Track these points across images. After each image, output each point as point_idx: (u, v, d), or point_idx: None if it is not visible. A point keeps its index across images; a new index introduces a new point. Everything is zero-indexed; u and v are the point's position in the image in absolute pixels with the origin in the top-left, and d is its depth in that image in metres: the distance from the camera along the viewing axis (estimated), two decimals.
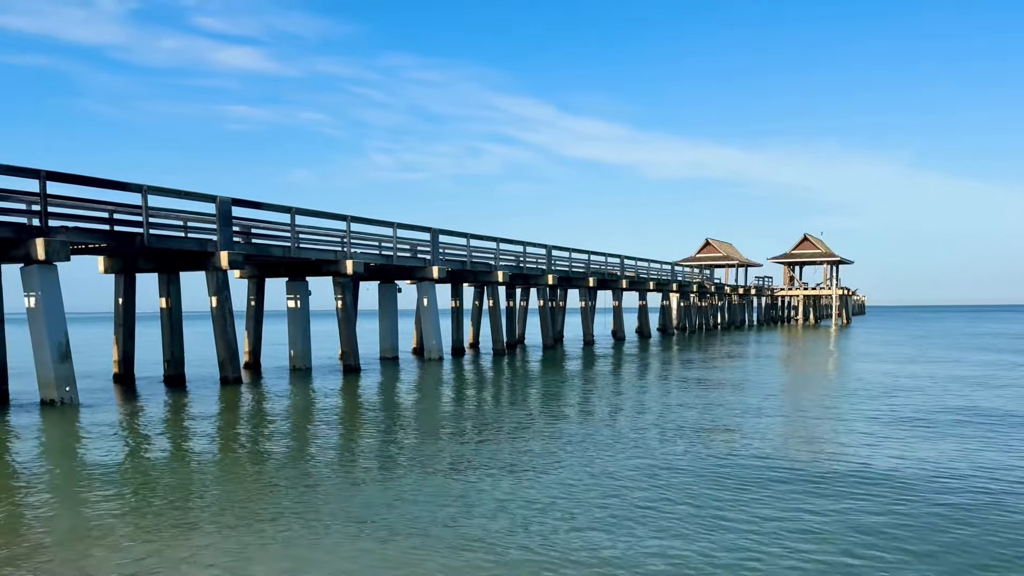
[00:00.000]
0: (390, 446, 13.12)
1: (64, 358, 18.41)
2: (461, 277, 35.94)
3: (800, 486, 9.75)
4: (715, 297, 70.72)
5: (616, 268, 49.77)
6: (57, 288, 18.60)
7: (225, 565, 7.13)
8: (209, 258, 22.67)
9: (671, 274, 59.33)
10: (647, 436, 13.70)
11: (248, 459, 12.34)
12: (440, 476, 10.65)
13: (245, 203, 23.71)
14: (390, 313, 32.24)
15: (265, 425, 15.98)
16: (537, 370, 28.28)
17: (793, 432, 14.25)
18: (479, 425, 15.33)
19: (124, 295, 24.76)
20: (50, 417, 16.78)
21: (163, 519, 8.68)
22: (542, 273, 40.03)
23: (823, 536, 7.78)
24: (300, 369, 26.80)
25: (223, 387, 22.27)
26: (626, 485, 9.97)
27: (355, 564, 7.16)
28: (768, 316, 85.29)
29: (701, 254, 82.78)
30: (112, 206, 20.54)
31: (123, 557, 7.41)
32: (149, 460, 12.34)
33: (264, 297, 29.13)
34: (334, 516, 8.70)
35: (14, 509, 9.32)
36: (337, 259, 26.72)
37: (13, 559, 7.39)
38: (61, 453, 13.13)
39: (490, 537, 7.85)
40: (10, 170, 17.67)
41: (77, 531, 8.32)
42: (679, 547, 7.47)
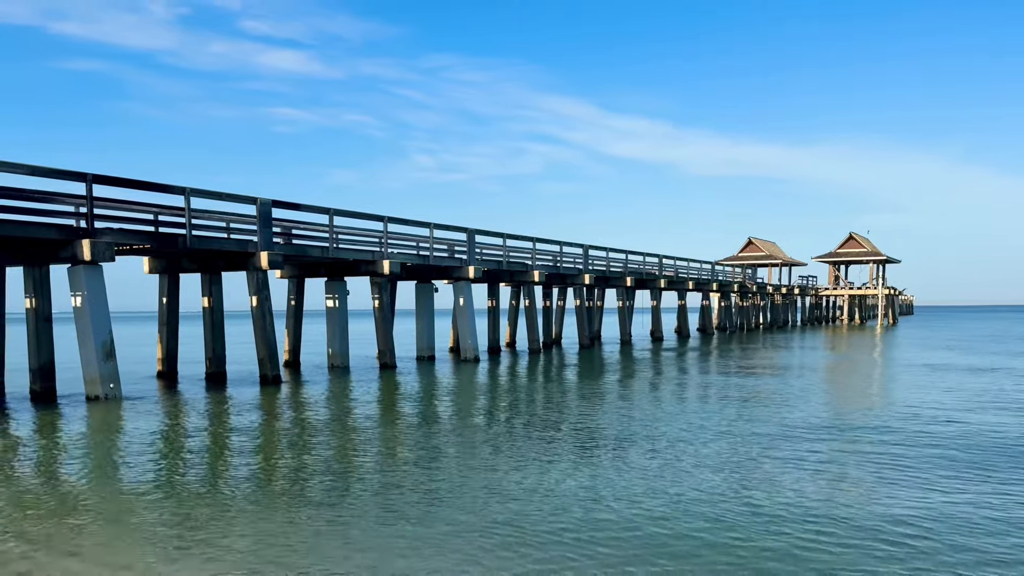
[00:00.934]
0: (426, 439, 13.36)
1: (108, 356, 19.03)
2: (497, 277, 36.17)
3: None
4: (757, 297, 69.98)
5: (654, 268, 49.57)
6: (102, 288, 19.22)
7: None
8: (249, 258, 23.20)
9: (711, 273, 58.87)
10: (676, 439, 13.74)
11: (285, 451, 12.68)
12: (472, 469, 10.85)
13: (284, 204, 24.21)
14: (426, 313, 32.58)
15: (303, 420, 16.35)
16: (567, 369, 28.35)
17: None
18: (507, 421, 15.51)
19: (168, 295, 25.48)
20: (94, 412, 17.37)
21: (199, 505, 9.02)
22: (578, 273, 40.07)
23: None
24: (338, 367, 27.26)
25: (262, 384, 22.78)
26: (657, 484, 10.07)
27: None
28: (812, 316, 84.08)
29: (744, 253, 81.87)
30: (157, 208, 21.12)
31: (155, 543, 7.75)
32: (188, 451, 12.75)
33: (304, 297, 29.68)
34: (366, 506, 8.96)
35: (52, 494, 9.75)
36: (374, 259, 27.12)
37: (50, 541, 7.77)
38: (102, 445, 13.62)
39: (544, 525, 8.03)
40: (58, 173, 18.33)
41: (116, 515, 8.70)
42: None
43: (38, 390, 19.70)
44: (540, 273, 36.32)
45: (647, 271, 48.56)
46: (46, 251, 19.09)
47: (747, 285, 65.91)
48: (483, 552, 7.44)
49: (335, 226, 25.76)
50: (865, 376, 25.51)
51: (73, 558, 7.43)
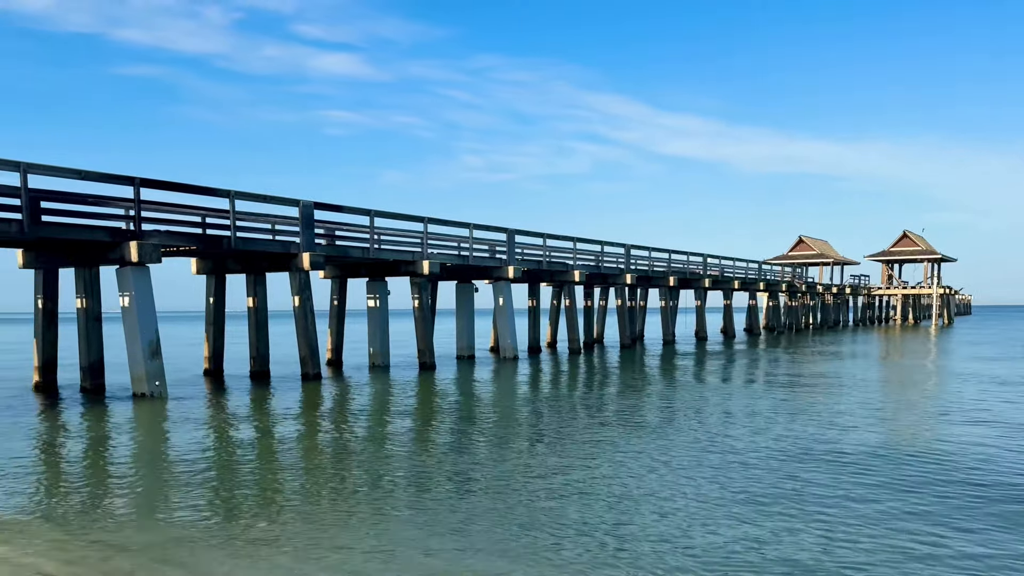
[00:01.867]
0: (461, 434, 13.61)
1: (155, 354, 19.69)
2: (538, 277, 36.32)
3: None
4: (806, 296, 68.86)
5: (698, 267, 49.18)
6: (149, 288, 19.88)
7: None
8: (292, 259, 23.74)
9: (758, 273, 58.14)
10: (718, 436, 13.75)
11: (324, 446, 13.05)
12: (504, 462, 11.07)
13: (326, 206, 24.71)
14: (466, 312, 32.88)
15: (343, 416, 16.76)
16: (604, 368, 28.39)
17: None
18: (542, 418, 15.68)
19: (214, 295, 26.20)
20: (140, 408, 18.02)
21: (248, 497, 9.39)
22: (620, 272, 39.99)
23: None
24: (379, 366, 27.70)
25: (304, 382, 23.31)
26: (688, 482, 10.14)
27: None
28: (865, 316, 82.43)
29: (794, 252, 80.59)
30: (204, 211, 21.75)
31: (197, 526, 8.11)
32: (231, 444, 13.19)
33: (346, 297, 30.22)
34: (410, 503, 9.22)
35: (102, 485, 10.23)
36: (414, 259, 27.50)
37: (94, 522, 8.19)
38: (147, 439, 14.17)
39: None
40: (107, 177, 19.03)
41: (160, 503, 9.11)
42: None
43: (88, 387, 20.47)
44: (581, 273, 36.36)
45: (691, 271, 48.21)
46: (96, 253, 19.83)
47: (796, 284, 64.91)
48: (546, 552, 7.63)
49: (376, 227, 26.20)
50: (920, 391, 25.00)
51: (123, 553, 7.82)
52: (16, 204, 17.15)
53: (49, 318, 21.55)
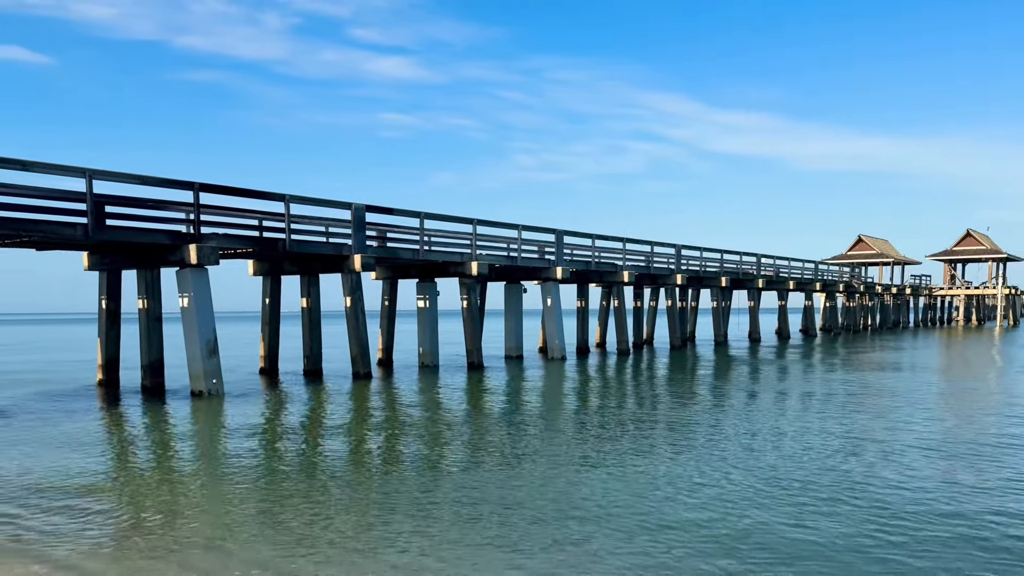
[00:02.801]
0: (504, 433, 13.88)
1: (212, 353, 20.39)
2: (586, 277, 36.38)
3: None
4: (865, 297, 67.43)
5: (752, 267, 48.61)
6: (207, 290, 20.59)
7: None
8: (344, 261, 24.30)
9: (814, 273, 57.16)
10: (762, 446, 13.74)
11: (372, 442, 13.44)
12: (549, 467, 11.29)
13: (377, 209, 25.21)
14: (515, 313, 33.14)
15: (391, 413, 17.18)
16: (650, 369, 28.34)
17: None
18: (583, 418, 15.85)
19: (270, 296, 26.94)
20: (198, 405, 18.71)
21: (298, 486, 9.80)
22: (670, 273, 39.81)
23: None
24: (428, 366, 28.14)
25: (355, 381, 23.87)
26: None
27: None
28: (926, 317, 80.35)
29: (853, 251, 78.92)
30: (260, 214, 22.43)
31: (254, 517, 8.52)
32: (282, 440, 13.69)
33: (397, 297, 30.75)
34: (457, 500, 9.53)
35: (164, 476, 10.76)
36: (463, 260, 27.87)
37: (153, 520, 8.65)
38: (203, 435, 14.77)
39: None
40: (168, 182, 19.77)
41: (221, 497, 9.57)
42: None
43: (148, 385, 21.30)
44: (630, 273, 36.31)
45: (744, 271, 47.69)
46: (157, 255, 20.61)
47: (854, 285, 63.62)
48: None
49: (425, 229, 26.63)
50: (987, 409, 24.36)
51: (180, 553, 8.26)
52: (82, 209, 17.94)
53: (112, 318, 22.45)
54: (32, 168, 17.04)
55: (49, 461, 12.30)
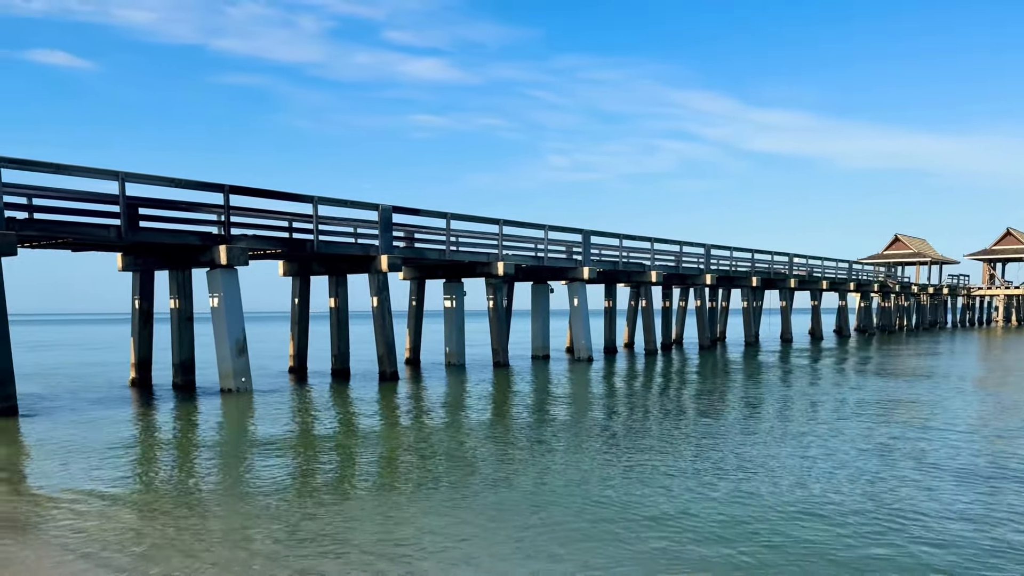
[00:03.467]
0: (522, 426, 14.02)
1: (241, 352, 20.77)
2: (614, 277, 36.34)
3: None
4: (901, 297, 66.44)
5: (784, 267, 48.15)
6: (237, 290, 20.98)
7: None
8: (371, 261, 24.58)
9: (848, 272, 56.47)
10: (786, 454, 13.71)
11: (399, 436, 13.65)
12: (570, 454, 11.41)
13: (404, 210, 25.45)
14: (542, 313, 33.23)
15: (415, 410, 17.40)
16: (672, 371, 28.26)
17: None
18: (604, 417, 15.93)
19: (299, 296, 27.34)
20: (227, 402, 19.10)
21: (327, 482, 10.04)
22: (699, 273, 39.61)
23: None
24: (454, 365, 28.36)
25: (381, 380, 24.15)
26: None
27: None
28: (964, 317, 78.92)
29: (889, 251, 77.78)
30: (290, 215, 22.78)
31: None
32: (305, 434, 13.96)
33: (424, 297, 31.02)
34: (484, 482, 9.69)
35: (190, 467, 11.06)
36: (489, 261, 28.03)
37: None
38: (230, 430, 15.10)
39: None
40: (199, 185, 20.19)
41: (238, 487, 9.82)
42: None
43: (179, 382, 21.75)
44: (658, 273, 36.21)
45: (775, 271, 47.25)
46: (188, 256, 21.05)
47: (888, 284, 62.71)
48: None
49: (452, 230, 26.83)
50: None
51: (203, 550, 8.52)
52: (115, 211, 18.40)
53: (145, 318, 22.96)
54: (67, 171, 17.54)
55: (81, 463, 12.67)
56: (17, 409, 17.21)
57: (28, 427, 15.93)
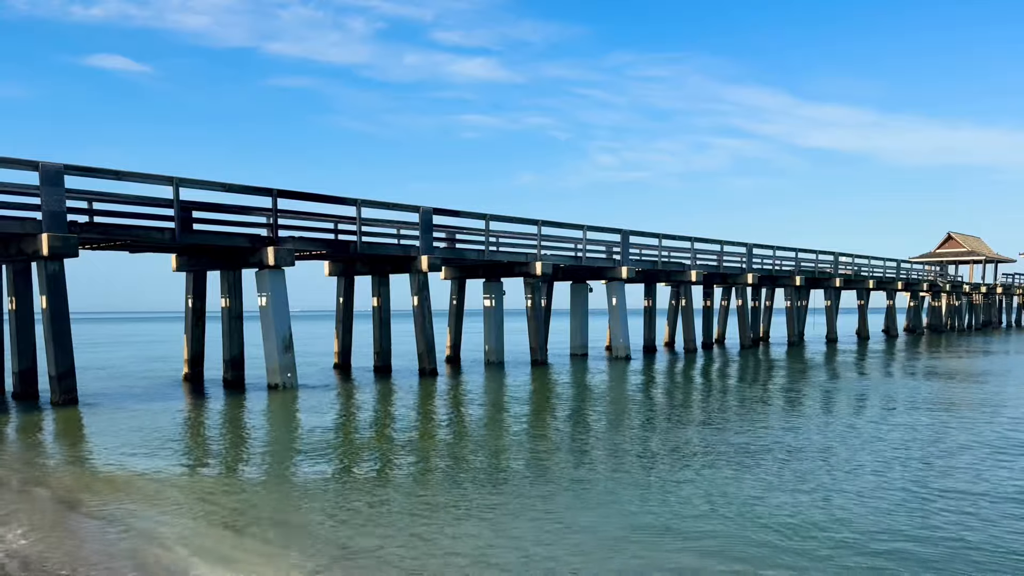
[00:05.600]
0: (560, 428, 14.58)
1: (287, 349, 21.68)
2: (654, 277, 36.61)
3: None
4: (952, 296, 65.18)
5: (829, 266, 47.76)
6: (284, 289, 21.89)
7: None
8: (412, 262, 25.35)
9: (896, 271, 55.69)
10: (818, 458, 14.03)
11: (436, 431, 14.34)
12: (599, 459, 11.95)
13: (445, 212, 26.16)
14: (580, 312, 33.70)
15: (452, 405, 18.09)
16: (715, 370, 28.47)
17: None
18: (641, 414, 16.39)
19: (344, 295, 28.26)
20: (273, 397, 20.03)
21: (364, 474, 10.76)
22: (741, 272, 39.62)
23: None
24: (493, 363, 29.00)
25: (421, 377, 24.92)
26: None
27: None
28: (1020, 317, 77.04)
29: (941, 249, 76.16)
30: (335, 218, 23.62)
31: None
32: (348, 426, 14.73)
33: (464, 296, 31.73)
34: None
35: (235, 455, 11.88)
36: (527, 261, 28.60)
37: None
38: (277, 422, 15.96)
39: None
40: (249, 189, 21.16)
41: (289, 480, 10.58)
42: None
43: (229, 378, 22.77)
44: (698, 273, 36.38)
45: (820, 270, 46.90)
46: (238, 257, 22.02)
47: (938, 284, 61.61)
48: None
49: (491, 230, 27.46)
50: None
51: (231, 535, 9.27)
52: (169, 214, 19.42)
53: (197, 316, 24.04)
54: (125, 177, 18.61)
55: (136, 448, 13.59)
56: (78, 400, 18.34)
57: (88, 417, 16.98)
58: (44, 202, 17.20)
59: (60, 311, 17.89)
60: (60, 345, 17.84)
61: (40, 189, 17.16)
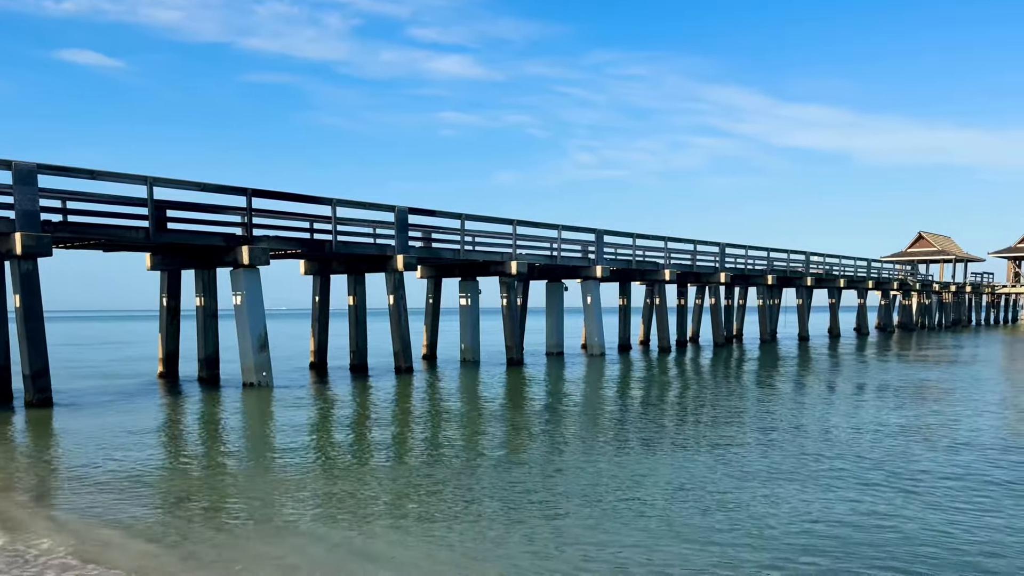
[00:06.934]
0: (531, 421, 14.85)
1: (263, 347, 21.78)
2: (628, 276, 37.01)
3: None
4: (922, 295, 66.28)
5: (800, 265, 48.44)
6: (259, 288, 21.98)
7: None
8: (387, 261, 25.51)
9: (867, 270, 56.57)
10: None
11: (409, 429, 14.56)
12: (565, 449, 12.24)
13: (420, 211, 26.34)
14: (556, 311, 34.02)
15: (430, 404, 18.31)
16: (685, 366, 28.90)
17: None
18: (612, 408, 16.71)
19: (320, 294, 28.34)
20: (248, 395, 20.15)
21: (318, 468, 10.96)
22: (714, 271, 40.13)
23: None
24: (469, 361, 29.23)
25: (397, 375, 25.10)
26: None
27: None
28: (989, 315, 78.48)
29: (912, 248, 77.45)
30: (310, 217, 23.71)
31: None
32: (322, 425, 14.91)
33: (441, 295, 31.93)
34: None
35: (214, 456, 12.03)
36: (503, 260, 28.85)
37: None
38: (250, 421, 16.10)
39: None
40: (223, 188, 21.21)
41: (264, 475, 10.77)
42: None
43: (204, 376, 22.84)
44: (671, 271, 36.83)
45: (792, 269, 47.55)
46: (213, 256, 22.09)
47: (908, 282, 62.65)
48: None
49: (466, 230, 27.68)
50: None
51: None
52: (144, 213, 19.45)
53: (172, 315, 24.06)
54: (98, 176, 18.63)
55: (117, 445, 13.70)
56: (52, 400, 18.35)
57: (62, 417, 17.02)
58: (17, 201, 17.20)
59: (34, 310, 17.88)
60: (34, 344, 17.83)
61: (13, 188, 17.15)
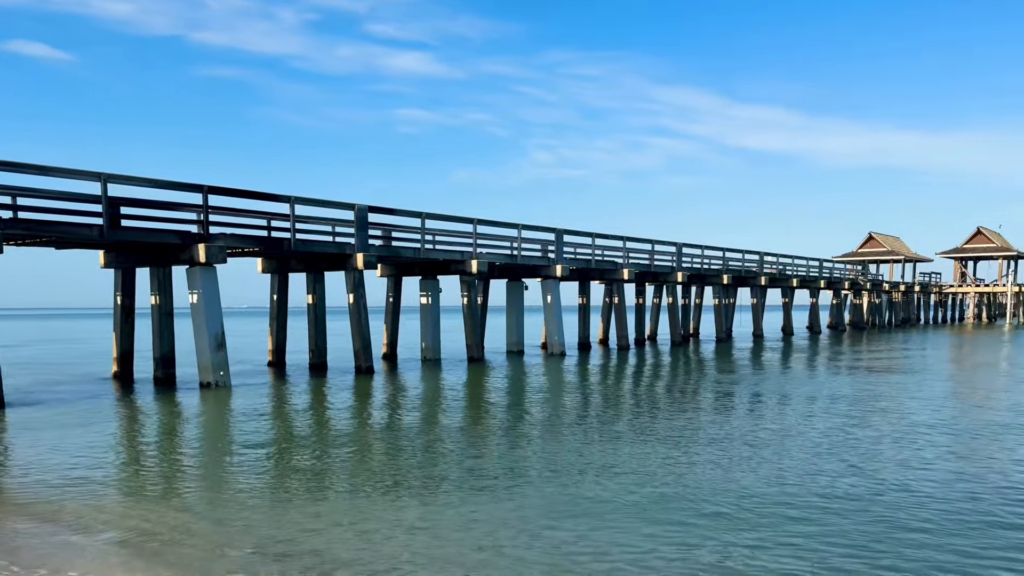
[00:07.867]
0: (479, 422, 14.92)
1: (219, 347, 21.51)
2: (588, 275, 37.27)
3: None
4: (872, 295, 67.84)
5: (755, 265, 49.27)
6: (215, 287, 21.69)
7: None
8: (347, 259, 25.36)
9: (820, 270, 57.74)
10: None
11: (370, 427, 14.51)
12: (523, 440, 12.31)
13: (380, 210, 26.21)
14: (516, 310, 34.13)
15: (388, 402, 18.25)
16: (647, 364, 29.26)
17: None
18: (568, 405, 16.86)
19: (278, 292, 28.10)
20: (205, 396, 19.88)
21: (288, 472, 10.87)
22: (671, 271, 40.61)
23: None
24: (430, 360, 29.20)
25: (357, 374, 24.98)
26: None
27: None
28: (937, 315, 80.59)
29: (863, 249, 79.14)
30: (268, 215, 23.48)
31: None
32: (281, 426, 14.79)
33: (401, 294, 31.83)
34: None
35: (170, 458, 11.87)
36: (463, 259, 28.87)
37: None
38: (209, 421, 15.92)
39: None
40: (179, 185, 20.88)
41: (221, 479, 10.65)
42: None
43: (160, 376, 22.49)
44: (630, 271, 37.18)
45: (747, 269, 48.34)
46: (168, 254, 21.75)
47: (859, 282, 64.09)
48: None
49: (427, 228, 27.64)
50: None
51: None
52: (97, 211, 19.08)
53: (126, 313, 23.65)
54: (50, 173, 18.22)
55: (63, 444, 13.44)
56: (3, 401, 17.90)
57: (14, 417, 16.63)
58: None
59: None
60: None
61: None
